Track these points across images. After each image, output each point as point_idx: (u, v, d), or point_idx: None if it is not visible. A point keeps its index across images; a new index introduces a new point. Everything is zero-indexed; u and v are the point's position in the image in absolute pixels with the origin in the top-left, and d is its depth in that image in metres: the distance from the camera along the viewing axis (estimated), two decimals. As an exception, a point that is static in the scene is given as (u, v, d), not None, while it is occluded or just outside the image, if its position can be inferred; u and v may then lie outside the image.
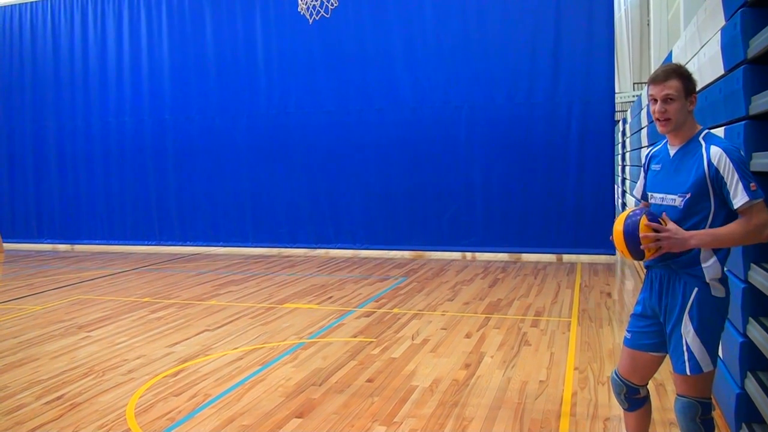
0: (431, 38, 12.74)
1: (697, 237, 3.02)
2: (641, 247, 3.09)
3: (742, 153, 3.05)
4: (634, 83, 27.09)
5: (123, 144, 14.93)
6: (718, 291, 3.12)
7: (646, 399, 3.50)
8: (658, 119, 3.19)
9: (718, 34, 4.60)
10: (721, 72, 4.59)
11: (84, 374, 5.88)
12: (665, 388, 5.17)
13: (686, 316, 3.13)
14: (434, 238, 12.77)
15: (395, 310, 8.17)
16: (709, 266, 3.10)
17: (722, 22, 4.53)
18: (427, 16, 12.75)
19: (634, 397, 3.46)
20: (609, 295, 8.98)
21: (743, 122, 3.96)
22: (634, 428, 3.53)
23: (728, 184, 2.99)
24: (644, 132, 11.01)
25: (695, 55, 5.66)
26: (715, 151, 3.04)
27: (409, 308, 8.30)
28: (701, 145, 3.13)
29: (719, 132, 4.54)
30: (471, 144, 12.52)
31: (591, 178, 11.81)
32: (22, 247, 15.62)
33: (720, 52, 4.54)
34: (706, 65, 5.06)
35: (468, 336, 6.91)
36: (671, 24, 16.76)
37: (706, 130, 3.21)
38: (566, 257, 12.09)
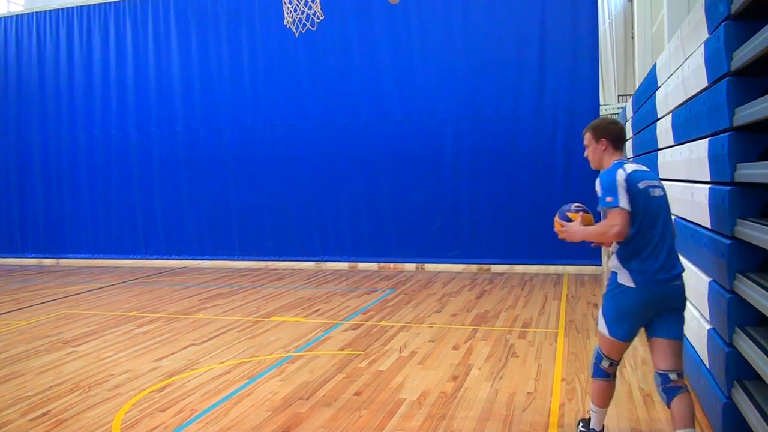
0: (417, 51, 12.78)
1: (579, 232, 4.16)
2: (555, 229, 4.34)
3: (616, 177, 3.92)
4: (618, 95, 27.31)
5: (108, 157, 14.85)
6: (622, 278, 3.94)
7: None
8: None
9: (702, 47, 4.65)
10: (705, 84, 4.63)
11: (70, 390, 5.83)
12: (653, 399, 5.19)
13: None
14: (421, 251, 12.76)
15: (383, 323, 8.16)
16: (611, 261, 4.04)
17: (706, 35, 4.57)
18: (413, 28, 12.79)
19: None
20: (596, 305, 8.99)
21: (727, 134, 4.00)
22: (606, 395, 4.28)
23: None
24: (629, 144, 11.08)
25: (679, 67, 5.71)
26: (598, 179, 4.05)
27: (396, 321, 8.29)
28: None
29: (703, 143, 4.59)
30: (458, 156, 12.55)
31: (576, 190, 11.82)
32: (7, 262, 15.49)
33: (704, 65, 4.59)
34: (690, 77, 5.11)
35: (455, 348, 6.90)
36: (655, 37, 16.92)
37: (618, 162, 4.09)
38: (552, 268, 12.11)
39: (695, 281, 4.97)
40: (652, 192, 3.93)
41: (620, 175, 3.92)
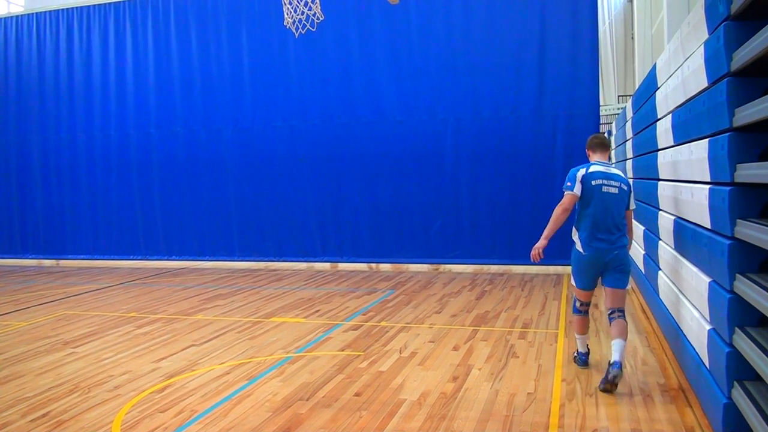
0: (417, 51, 12.77)
1: (544, 233, 6.23)
2: None
3: (576, 173, 5.73)
4: (618, 96, 27.30)
5: (108, 158, 14.85)
6: (578, 245, 5.84)
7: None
8: None
9: (702, 48, 4.64)
10: (705, 84, 4.63)
11: (70, 391, 5.83)
12: (653, 399, 5.19)
13: None
14: (422, 251, 12.76)
15: (383, 323, 8.16)
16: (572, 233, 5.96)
17: (705, 36, 4.57)
18: (412, 29, 12.78)
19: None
20: (595, 306, 8.99)
21: (727, 134, 4.00)
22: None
23: None
24: (629, 144, 11.07)
25: (679, 67, 5.71)
26: None
27: (396, 321, 8.29)
28: None
29: (704, 143, 4.59)
30: (457, 157, 12.55)
31: (577, 190, 11.84)
32: (6, 263, 15.48)
33: (703, 65, 4.59)
34: (690, 78, 5.11)
35: (456, 348, 6.90)
36: (655, 37, 16.92)
37: (588, 164, 5.82)
38: (552, 268, 12.08)
39: (695, 281, 4.97)
40: (604, 189, 5.62)
41: (580, 172, 5.72)
